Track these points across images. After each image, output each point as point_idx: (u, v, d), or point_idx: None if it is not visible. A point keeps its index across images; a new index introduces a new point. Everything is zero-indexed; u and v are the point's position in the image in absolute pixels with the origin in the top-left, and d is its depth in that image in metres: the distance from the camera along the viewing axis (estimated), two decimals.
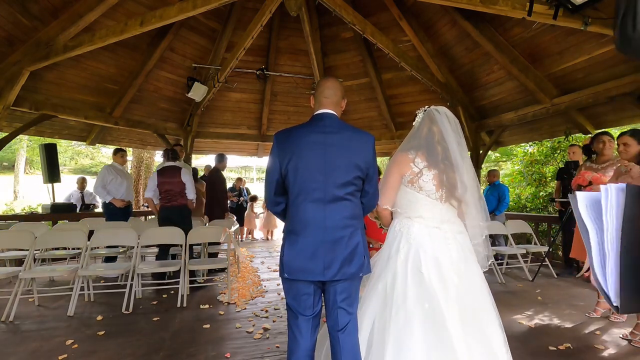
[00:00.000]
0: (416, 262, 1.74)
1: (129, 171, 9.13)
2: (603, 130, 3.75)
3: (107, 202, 4.95)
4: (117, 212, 4.93)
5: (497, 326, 1.75)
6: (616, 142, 2.93)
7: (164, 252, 4.31)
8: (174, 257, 4.71)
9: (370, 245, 4.02)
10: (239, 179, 9.25)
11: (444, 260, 1.73)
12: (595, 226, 1.07)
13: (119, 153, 5.24)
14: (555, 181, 5.67)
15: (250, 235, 9.12)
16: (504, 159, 13.27)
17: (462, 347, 1.60)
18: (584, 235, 1.07)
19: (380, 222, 2.03)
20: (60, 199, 7.19)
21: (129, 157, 16.96)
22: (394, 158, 1.91)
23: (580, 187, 3.41)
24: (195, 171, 6.33)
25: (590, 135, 5.19)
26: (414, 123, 1.98)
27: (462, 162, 1.80)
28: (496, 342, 1.71)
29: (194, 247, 4.53)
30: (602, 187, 1.03)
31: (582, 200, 1.09)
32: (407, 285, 1.72)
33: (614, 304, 1.04)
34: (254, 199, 9.26)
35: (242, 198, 8.72)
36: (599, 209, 1.07)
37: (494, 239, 5.47)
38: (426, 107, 1.95)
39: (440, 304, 1.65)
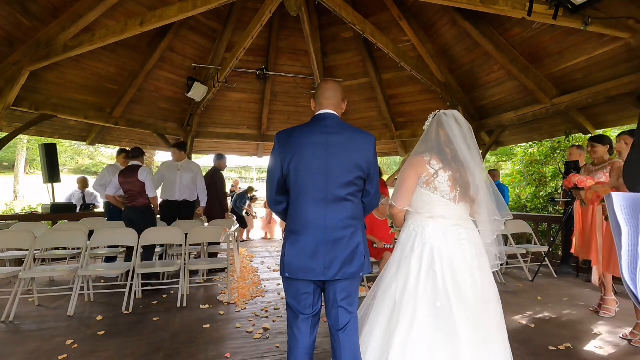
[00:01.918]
0: (430, 261, 1.76)
1: None
2: (595, 134, 3.79)
3: (104, 200, 4.97)
4: (118, 212, 4.93)
5: (503, 330, 1.76)
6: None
7: (150, 252, 4.16)
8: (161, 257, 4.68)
9: (374, 245, 4.04)
10: (251, 188, 9.27)
11: (458, 260, 1.74)
12: (629, 227, 1.07)
13: (122, 154, 5.21)
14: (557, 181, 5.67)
15: (247, 235, 9.14)
16: (504, 159, 13.27)
17: (469, 349, 1.60)
18: (616, 235, 1.08)
19: (392, 222, 2.04)
20: (61, 199, 7.19)
21: None
22: (409, 161, 1.93)
23: (570, 189, 3.46)
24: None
25: (590, 135, 5.19)
26: (424, 127, 2.00)
27: (474, 163, 1.82)
28: (499, 346, 1.71)
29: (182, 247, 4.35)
30: None
31: (617, 200, 1.10)
32: (420, 283, 1.74)
33: None
34: (253, 198, 9.32)
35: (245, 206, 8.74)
36: (634, 210, 1.07)
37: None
38: (437, 111, 1.97)
39: (452, 304, 1.66)
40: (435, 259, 1.74)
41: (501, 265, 4.94)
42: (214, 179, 5.63)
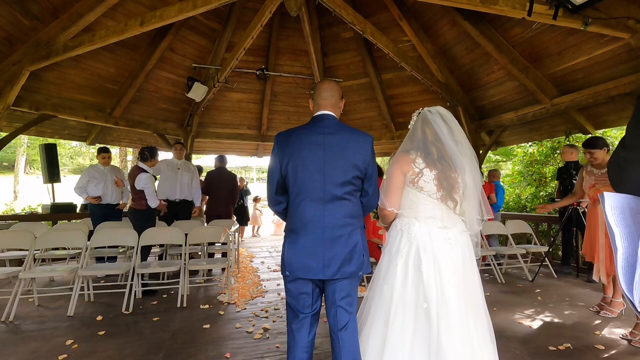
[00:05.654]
0: (416, 262, 1.74)
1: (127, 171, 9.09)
2: (587, 139, 3.66)
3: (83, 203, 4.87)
4: (98, 214, 4.76)
5: (487, 330, 1.75)
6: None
7: (145, 253, 4.09)
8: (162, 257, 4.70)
9: (380, 247, 4.04)
10: (241, 179, 9.33)
11: (444, 260, 1.73)
12: (619, 229, 1.04)
13: (101, 154, 5.00)
14: (556, 181, 5.67)
15: (257, 231, 9.64)
16: (504, 159, 13.26)
17: (449, 349, 1.60)
18: (611, 236, 1.06)
19: (380, 221, 2.02)
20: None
21: (129, 157, 16.98)
22: (395, 158, 1.89)
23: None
24: (200, 169, 6.35)
25: (590, 135, 5.19)
26: (409, 126, 1.97)
27: (462, 159, 1.79)
28: (482, 347, 1.70)
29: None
30: None
31: (608, 201, 1.07)
32: (407, 284, 1.73)
33: (639, 310, 1.03)
34: (256, 199, 9.51)
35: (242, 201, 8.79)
36: (623, 212, 1.05)
37: (488, 240, 5.45)
38: (421, 109, 1.94)
39: (435, 305, 1.66)
40: (422, 259, 1.73)
41: (501, 265, 4.94)
42: (227, 177, 5.57)
